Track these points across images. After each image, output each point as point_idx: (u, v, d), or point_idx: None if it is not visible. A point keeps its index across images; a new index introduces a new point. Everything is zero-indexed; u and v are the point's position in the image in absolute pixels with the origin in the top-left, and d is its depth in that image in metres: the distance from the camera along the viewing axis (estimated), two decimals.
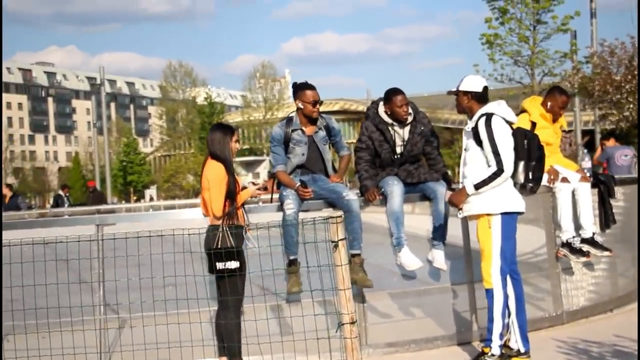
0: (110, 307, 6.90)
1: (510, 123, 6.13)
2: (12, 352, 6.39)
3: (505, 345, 6.26)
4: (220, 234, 6.02)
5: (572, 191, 7.48)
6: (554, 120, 7.61)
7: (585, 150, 8.00)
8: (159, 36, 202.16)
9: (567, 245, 7.46)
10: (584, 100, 28.20)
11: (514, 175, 6.02)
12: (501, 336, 6.10)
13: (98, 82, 40.81)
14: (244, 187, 6.49)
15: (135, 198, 70.77)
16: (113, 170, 62.93)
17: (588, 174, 7.74)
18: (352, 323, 4.21)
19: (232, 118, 76.42)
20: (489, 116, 6.05)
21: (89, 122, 45.33)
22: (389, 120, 6.92)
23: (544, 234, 7.69)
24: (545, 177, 7.43)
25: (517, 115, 7.70)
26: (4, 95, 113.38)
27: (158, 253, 6.17)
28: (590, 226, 7.43)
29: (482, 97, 6.21)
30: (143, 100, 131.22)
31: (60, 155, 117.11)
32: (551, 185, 7.43)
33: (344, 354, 4.22)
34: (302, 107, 6.80)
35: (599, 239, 7.46)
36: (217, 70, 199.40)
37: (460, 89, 6.25)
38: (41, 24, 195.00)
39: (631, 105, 22.73)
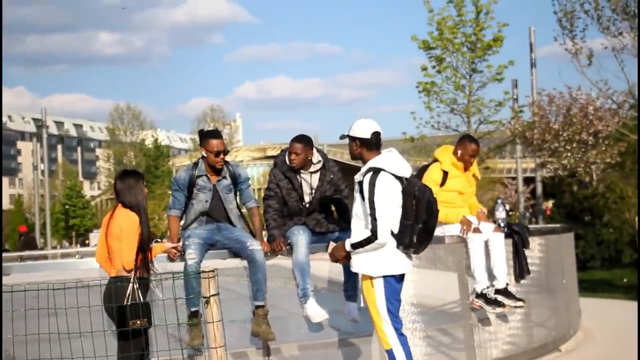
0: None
1: (401, 178, 5.78)
2: None
3: None
4: (130, 289, 5.66)
5: (486, 241, 7.43)
6: (466, 169, 7.58)
7: (499, 201, 7.95)
8: (112, 78, 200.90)
9: (482, 296, 7.38)
10: (524, 148, 28.59)
11: (400, 236, 5.68)
12: None
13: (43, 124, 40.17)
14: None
15: (82, 241, 69.51)
16: (55, 213, 61.91)
17: (502, 225, 7.70)
18: None
19: (180, 161, 75.98)
20: (375, 172, 5.70)
21: (34, 165, 44.57)
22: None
23: (456, 281, 7.59)
24: (458, 227, 7.41)
25: (430, 164, 7.71)
26: None
27: (61, 307, 5.84)
28: (504, 277, 7.37)
29: (372, 144, 5.82)
30: (91, 143, 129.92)
31: (4, 198, 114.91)
32: (463, 236, 7.38)
33: None
34: (205, 155, 6.64)
35: (512, 289, 7.40)
36: (171, 113, 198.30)
37: (350, 134, 5.89)
38: None
39: (569, 154, 23.02)
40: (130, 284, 5.67)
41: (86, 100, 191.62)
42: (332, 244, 6.30)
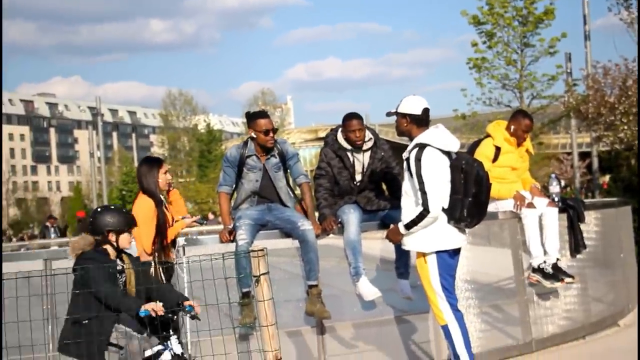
0: None
1: (448, 153, 5.82)
2: None
3: None
4: (153, 271, 5.82)
5: (539, 216, 7.34)
6: (519, 144, 7.48)
7: (553, 176, 7.82)
8: (164, 65, 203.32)
9: (539, 270, 7.30)
10: (579, 122, 28.10)
11: (451, 211, 5.70)
12: None
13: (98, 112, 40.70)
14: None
15: None
16: (113, 199, 62.84)
17: (556, 199, 7.59)
18: None
19: (233, 145, 76.39)
20: (421, 148, 5.71)
21: (91, 152, 45.27)
22: (348, 146, 6.78)
23: (511, 260, 7.52)
24: (511, 202, 7.33)
25: (482, 140, 7.63)
26: (7, 126, 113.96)
27: None
28: (555, 252, 7.28)
29: (422, 121, 5.85)
30: (145, 129, 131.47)
31: (62, 185, 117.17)
32: (517, 211, 7.30)
33: None
34: (255, 136, 6.66)
35: (566, 264, 7.30)
36: (222, 97, 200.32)
37: (399, 110, 5.91)
38: (46, 55, 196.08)
39: (625, 127, 22.55)
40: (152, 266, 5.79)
41: (139, 87, 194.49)
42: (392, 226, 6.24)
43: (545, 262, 7.27)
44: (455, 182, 5.69)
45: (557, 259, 7.27)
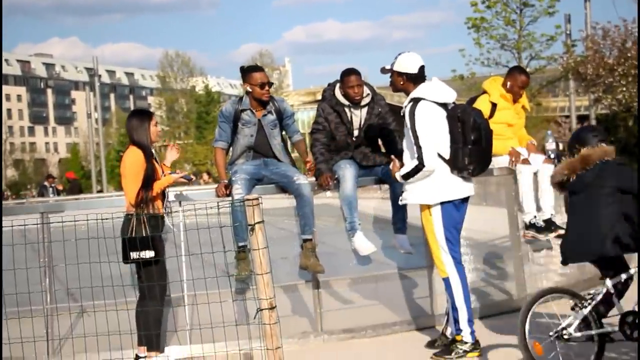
0: (60, 294, 6.79)
1: (444, 104, 5.82)
2: None
3: (442, 334, 6.13)
4: (135, 222, 5.85)
5: (535, 173, 7.35)
6: (515, 101, 7.47)
7: (549, 132, 7.83)
8: (162, 26, 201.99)
9: (532, 226, 7.33)
10: (578, 84, 28.05)
11: (453, 161, 5.74)
12: (470, 322, 5.92)
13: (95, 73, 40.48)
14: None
15: None
16: (110, 160, 62.80)
17: (552, 156, 7.59)
18: (271, 309, 4.06)
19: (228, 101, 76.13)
20: (415, 102, 5.74)
21: (88, 114, 45.20)
22: (346, 102, 6.77)
23: (506, 217, 7.54)
24: (506, 158, 7.33)
25: (478, 96, 7.61)
26: (4, 87, 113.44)
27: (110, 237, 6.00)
28: (549, 208, 7.31)
29: (418, 78, 5.87)
30: (142, 91, 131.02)
31: (60, 147, 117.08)
32: (512, 167, 7.31)
33: (264, 340, 4.06)
34: (250, 90, 6.63)
35: (557, 220, 7.32)
36: (220, 59, 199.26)
37: (395, 68, 5.91)
38: (43, 15, 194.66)
39: (624, 89, 22.53)
40: (133, 219, 5.84)
41: (137, 48, 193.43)
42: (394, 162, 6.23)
43: (535, 217, 7.29)
44: (454, 131, 5.72)
45: (552, 214, 7.28)
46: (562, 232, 7.25)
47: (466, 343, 5.89)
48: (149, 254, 5.82)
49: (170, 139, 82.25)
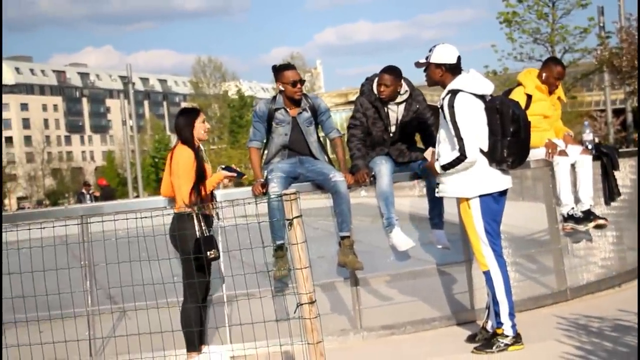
0: (102, 294, 6.87)
1: (482, 96, 5.79)
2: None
3: (482, 328, 6.09)
4: (188, 221, 5.88)
5: (573, 164, 7.27)
6: (551, 92, 7.39)
7: (587, 123, 7.74)
8: (194, 33, 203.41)
9: (571, 217, 7.24)
10: (613, 77, 27.71)
11: (491, 153, 5.71)
12: (511, 315, 5.87)
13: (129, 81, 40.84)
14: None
15: None
16: (146, 167, 63.35)
17: (590, 147, 7.51)
18: (311, 303, 4.06)
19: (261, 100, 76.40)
20: (453, 94, 5.69)
21: (123, 121, 45.65)
22: None
23: (545, 209, 7.48)
24: (543, 150, 7.27)
25: (513, 89, 7.56)
26: (40, 97, 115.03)
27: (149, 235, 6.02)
28: (588, 199, 7.20)
29: (457, 69, 5.82)
30: (176, 97, 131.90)
31: (96, 155, 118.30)
32: (549, 159, 7.24)
33: (305, 336, 4.07)
34: (282, 89, 6.64)
35: (596, 211, 7.24)
36: (252, 64, 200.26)
37: (432, 60, 5.85)
38: (77, 26, 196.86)
39: None
40: (195, 220, 5.86)
41: (170, 55, 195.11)
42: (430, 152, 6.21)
43: (573, 208, 7.21)
44: (492, 123, 5.69)
45: (591, 205, 7.20)
46: (601, 222, 7.19)
47: (507, 336, 5.84)
48: (214, 253, 5.85)
49: (204, 144, 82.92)
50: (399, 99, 6.80)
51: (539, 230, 8.15)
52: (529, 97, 7.33)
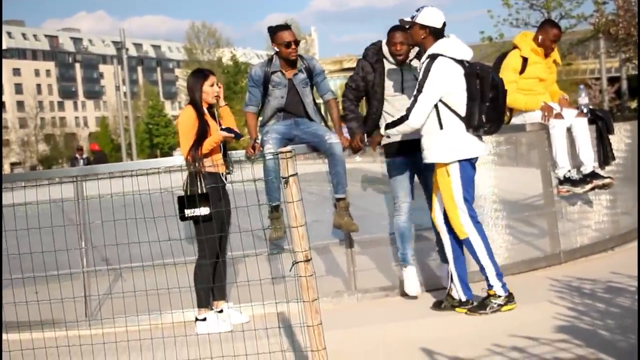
0: (98, 252, 6.89)
1: (462, 62, 5.75)
2: None
3: (448, 295, 6.11)
4: (189, 180, 5.97)
5: (569, 128, 7.28)
6: (547, 55, 7.38)
7: (582, 87, 7.74)
8: None
9: (567, 180, 7.26)
10: (609, 44, 27.64)
11: (469, 118, 5.67)
12: (499, 276, 5.90)
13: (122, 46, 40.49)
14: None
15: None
16: (140, 133, 63.17)
17: (585, 110, 7.51)
18: (307, 261, 4.08)
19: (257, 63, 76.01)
20: (432, 58, 5.69)
21: (117, 87, 45.35)
22: (392, 61, 6.48)
23: (539, 173, 7.50)
24: (539, 114, 7.27)
25: (509, 52, 7.54)
26: (32, 62, 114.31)
27: (145, 192, 5.99)
28: (591, 161, 7.21)
29: (440, 34, 5.80)
30: (170, 63, 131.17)
31: (90, 121, 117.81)
32: (545, 122, 7.24)
33: (300, 294, 4.09)
34: (277, 50, 6.59)
35: (600, 172, 7.25)
36: (246, 30, 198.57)
37: (418, 21, 5.82)
38: None
39: None
40: (187, 175, 6.01)
41: (164, 21, 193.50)
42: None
43: (569, 171, 7.22)
44: (472, 88, 5.66)
45: (594, 166, 7.21)
46: (607, 181, 7.17)
47: (500, 297, 5.89)
48: (204, 210, 5.90)
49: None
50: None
51: (533, 195, 8.17)
52: (525, 59, 7.33)
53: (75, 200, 6.55)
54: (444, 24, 5.84)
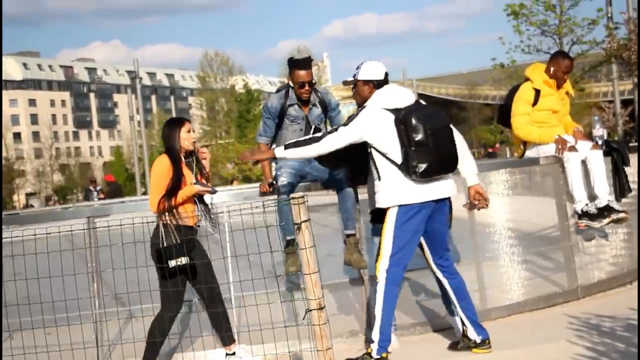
0: (108, 299, 6.81)
1: (395, 109, 5.57)
2: (7, 349, 6.32)
3: (464, 336, 5.96)
4: (163, 231, 5.81)
5: (584, 160, 7.19)
6: (559, 86, 7.32)
7: (596, 118, 7.66)
8: (201, 26, 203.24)
9: (585, 214, 7.16)
10: (621, 68, 27.56)
11: (404, 164, 5.49)
12: (382, 335, 5.61)
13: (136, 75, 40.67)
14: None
15: None
16: (153, 162, 63.29)
17: (600, 142, 7.43)
18: (320, 309, 4.00)
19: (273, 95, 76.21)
20: (362, 108, 5.66)
21: (131, 116, 45.47)
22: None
23: (554, 203, 7.39)
24: (553, 147, 7.19)
25: (521, 84, 7.48)
26: (48, 92, 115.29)
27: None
28: (605, 194, 7.12)
29: (384, 85, 5.74)
30: (183, 92, 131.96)
31: (104, 150, 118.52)
32: (560, 155, 7.16)
33: (314, 342, 4.00)
34: (292, 86, 6.55)
35: (615, 205, 7.15)
36: (259, 57, 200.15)
37: (360, 78, 5.79)
38: (85, 20, 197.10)
39: None
40: (160, 227, 5.81)
41: (177, 49, 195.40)
42: None
43: (587, 204, 7.13)
44: (400, 135, 5.51)
45: (609, 200, 7.11)
46: (622, 215, 7.08)
47: (371, 358, 5.62)
48: (184, 260, 5.75)
49: (211, 139, 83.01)
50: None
51: (548, 226, 8.06)
52: (537, 92, 7.27)
53: (86, 247, 6.45)
54: (387, 74, 5.80)
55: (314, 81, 6.55)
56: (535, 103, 7.24)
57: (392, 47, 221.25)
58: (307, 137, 5.75)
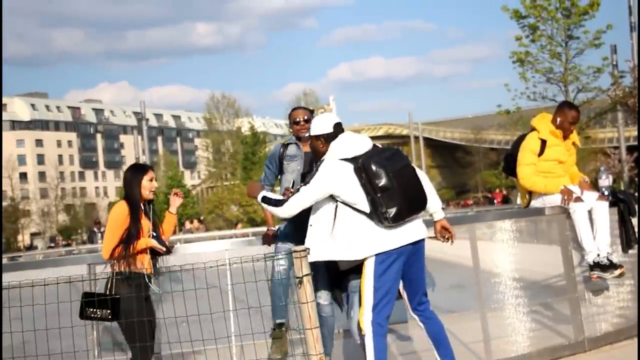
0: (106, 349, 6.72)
1: (352, 158, 5.45)
2: None
3: None
4: (111, 280, 5.67)
5: (589, 210, 7.13)
6: (565, 137, 7.28)
7: (603, 168, 7.61)
8: (208, 68, 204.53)
9: (597, 265, 7.08)
10: (627, 115, 27.61)
11: (374, 212, 5.33)
12: None
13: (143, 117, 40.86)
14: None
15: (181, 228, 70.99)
16: (159, 203, 63.22)
17: (606, 193, 7.38)
18: None
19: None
20: (322, 162, 5.56)
21: (137, 157, 45.51)
22: None
23: (559, 251, 7.31)
24: (558, 197, 7.13)
25: (527, 134, 7.45)
26: (55, 133, 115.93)
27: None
28: (606, 247, 7.06)
29: (336, 136, 5.60)
30: (189, 133, 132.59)
31: (109, 190, 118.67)
32: (565, 206, 7.10)
33: None
34: (291, 129, 6.70)
35: (614, 258, 7.08)
36: (266, 99, 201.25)
37: (312, 134, 5.68)
38: (93, 62, 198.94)
39: None
40: (111, 275, 5.68)
41: (184, 91, 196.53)
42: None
43: (598, 255, 7.06)
44: (363, 184, 5.39)
45: (608, 253, 7.05)
46: (619, 272, 7.03)
47: None
48: (105, 314, 5.60)
49: (216, 180, 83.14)
50: None
51: (554, 275, 7.97)
52: (543, 142, 7.23)
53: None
54: (336, 126, 5.63)
55: (309, 118, 6.52)
56: (541, 153, 7.20)
57: (399, 91, 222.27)
58: (278, 197, 5.61)
